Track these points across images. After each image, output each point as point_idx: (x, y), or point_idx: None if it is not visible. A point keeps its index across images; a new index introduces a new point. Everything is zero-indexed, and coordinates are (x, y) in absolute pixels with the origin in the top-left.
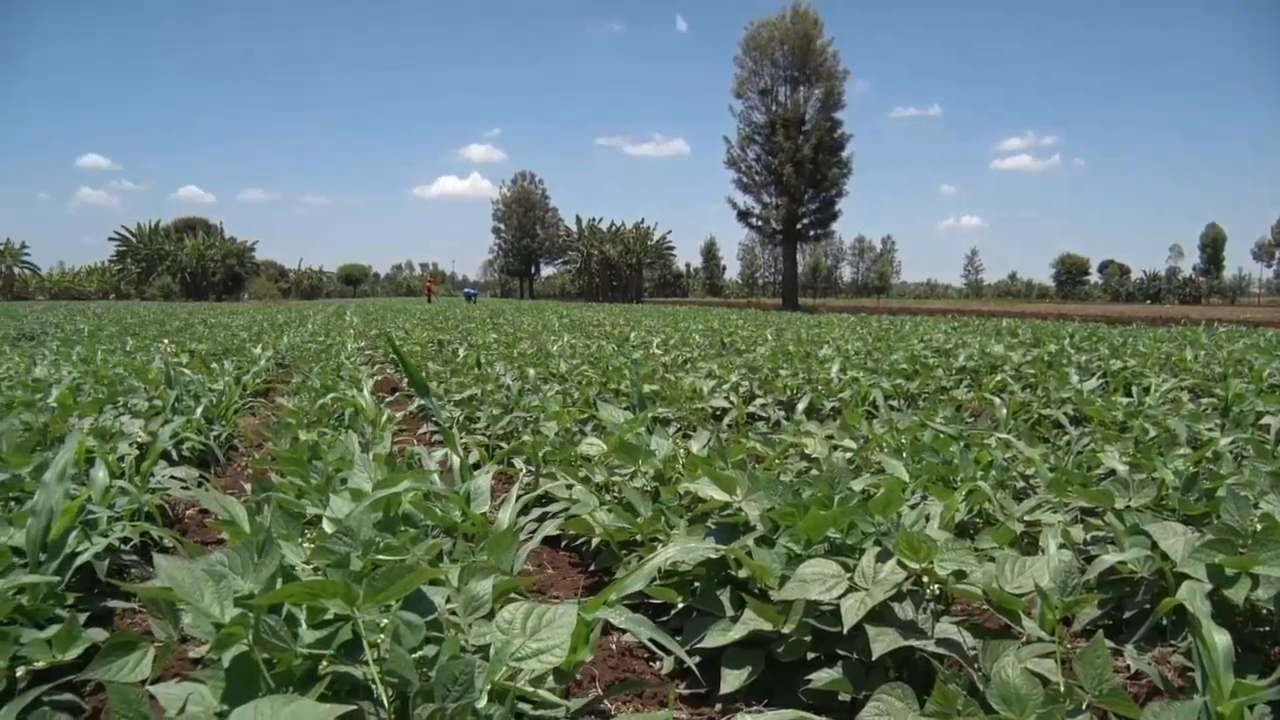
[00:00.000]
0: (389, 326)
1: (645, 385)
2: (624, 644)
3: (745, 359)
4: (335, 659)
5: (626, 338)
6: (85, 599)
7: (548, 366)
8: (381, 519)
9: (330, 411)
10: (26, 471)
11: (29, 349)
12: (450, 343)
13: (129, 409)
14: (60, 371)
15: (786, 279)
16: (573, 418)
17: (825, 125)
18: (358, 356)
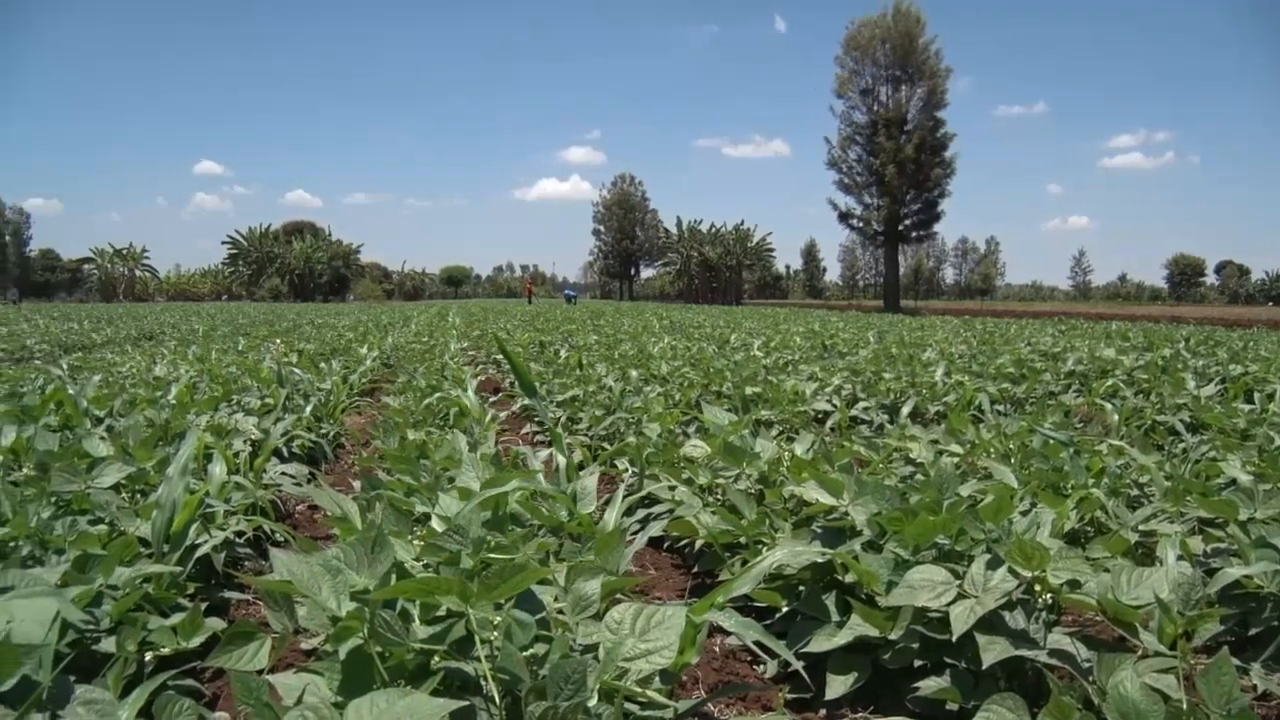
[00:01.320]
0: (491, 328)
1: (747, 387)
2: (727, 646)
3: (847, 362)
4: (447, 655)
5: (727, 340)
6: (203, 589)
7: (649, 368)
8: (490, 518)
9: (435, 411)
10: (150, 465)
11: (149, 348)
12: (552, 344)
13: (242, 407)
14: (178, 370)
15: (888, 281)
16: (675, 419)
17: (928, 125)
18: (460, 357)
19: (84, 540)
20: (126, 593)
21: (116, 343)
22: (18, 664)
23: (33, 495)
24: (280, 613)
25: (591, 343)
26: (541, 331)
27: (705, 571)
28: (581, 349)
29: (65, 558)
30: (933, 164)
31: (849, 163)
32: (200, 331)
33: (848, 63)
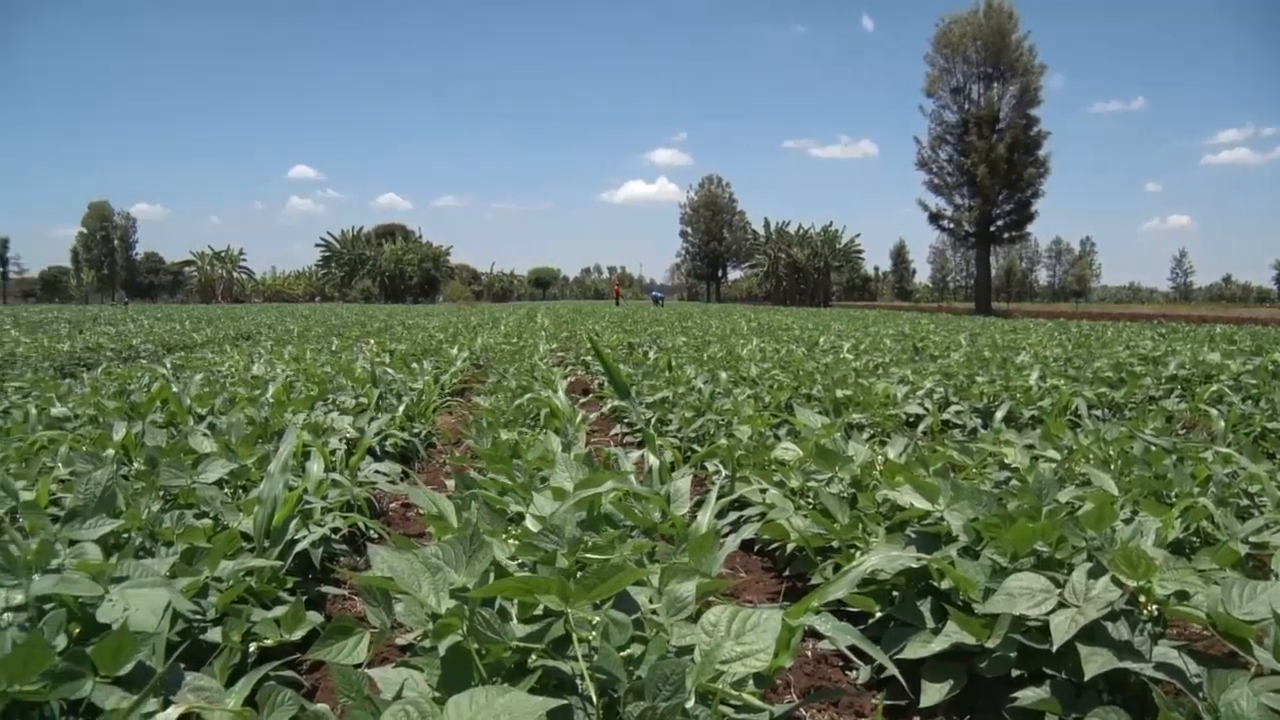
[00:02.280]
0: (579, 329)
1: (837, 390)
2: (819, 651)
3: (939, 365)
4: (544, 653)
5: (816, 342)
6: (301, 584)
7: (738, 370)
8: (584, 518)
9: (526, 412)
10: (251, 462)
11: (247, 348)
12: (640, 345)
13: (337, 406)
14: (275, 370)
15: (979, 283)
16: (765, 422)
17: (1020, 123)
18: (549, 358)
19: (191, 534)
20: (230, 585)
21: (216, 342)
22: (135, 650)
23: (143, 489)
24: (379, 608)
25: (680, 344)
26: (630, 333)
27: (796, 575)
28: (670, 351)
29: (173, 550)
30: (1026, 163)
31: (939, 163)
32: (295, 332)
33: (938, 61)
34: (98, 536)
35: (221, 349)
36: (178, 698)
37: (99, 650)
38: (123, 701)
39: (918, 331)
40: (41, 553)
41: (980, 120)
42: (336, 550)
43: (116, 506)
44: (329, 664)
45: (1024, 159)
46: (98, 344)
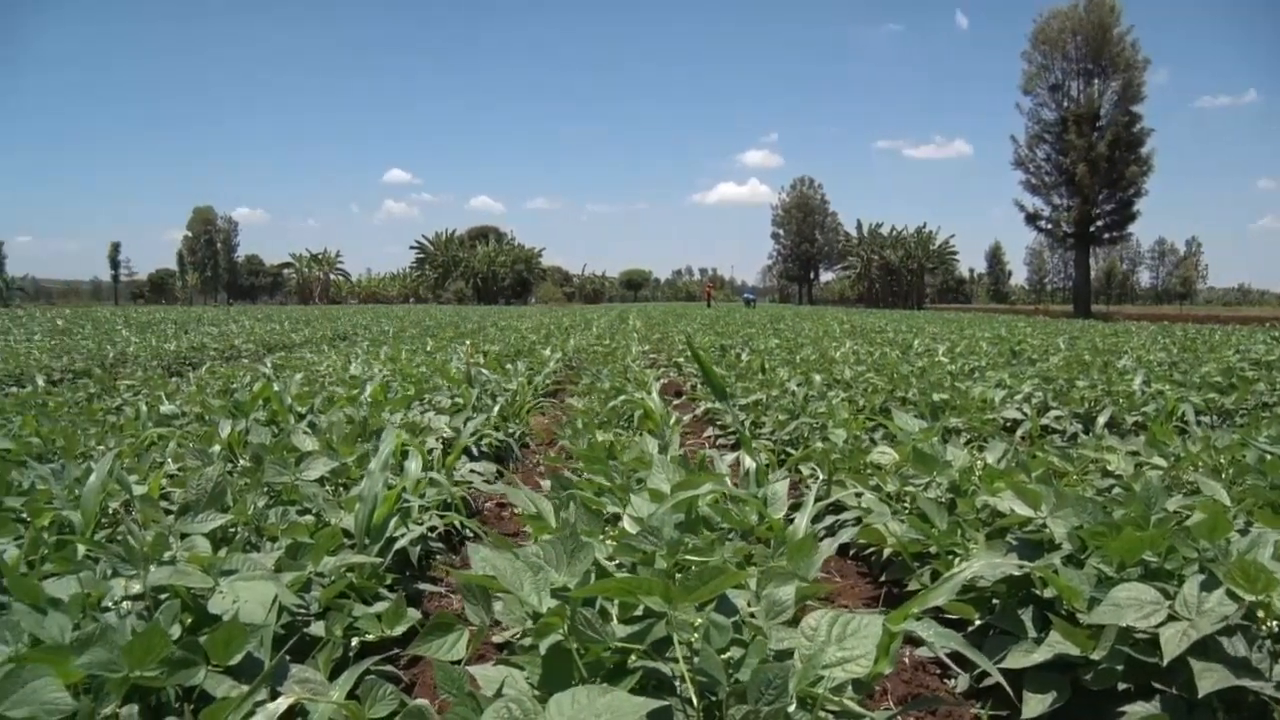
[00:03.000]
0: (670, 331)
1: (933, 394)
2: (916, 658)
3: (1037, 369)
4: (644, 654)
5: (910, 345)
6: (400, 581)
7: (831, 373)
8: (682, 520)
9: (619, 413)
10: (351, 460)
11: (344, 348)
12: (732, 347)
13: (433, 406)
14: (372, 369)
15: (1078, 285)
16: (860, 425)
17: (1122, 120)
18: (641, 360)
19: (294, 529)
20: (332, 580)
21: (314, 343)
22: (245, 641)
23: (249, 485)
24: (478, 606)
25: (772, 346)
26: (722, 335)
27: (892, 580)
28: (763, 353)
29: (278, 545)
30: (1127, 161)
31: (1037, 162)
32: (390, 333)
33: (1035, 57)
34: (208, 530)
35: (319, 349)
36: (284, 689)
37: (212, 640)
38: (233, 690)
39: (1014, 334)
40: (157, 545)
41: (1079, 118)
42: (433, 548)
43: (225, 502)
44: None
45: (1125, 157)
46: (202, 344)
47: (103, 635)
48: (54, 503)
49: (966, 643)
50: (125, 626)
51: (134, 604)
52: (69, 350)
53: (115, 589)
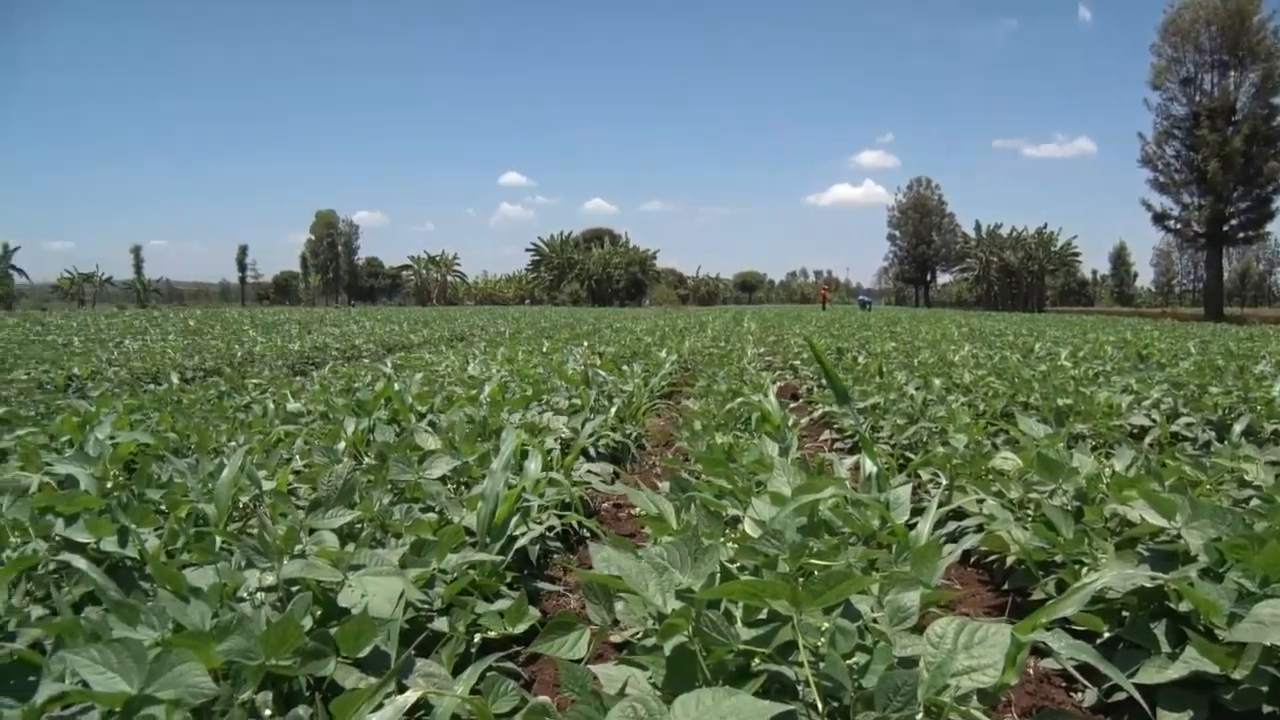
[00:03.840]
0: (785, 334)
1: (1057, 399)
2: (1041, 670)
3: (1166, 374)
4: (769, 658)
5: (1031, 348)
6: (519, 579)
7: (950, 376)
8: (804, 523)
9: (736, 416)
10: (472, 459)
11: (461, 349)
12: (849, 350)
13: (551, 406)
14: (490, 370)
15: (1209, 286)
16: (980, 430)
17: (1260, 113)
18: (757, 362)
19: (418, 526)
20: (455, 578)
21: (432, 343)
22: (374, 635)
23: (374, 482)
24: (599, 606)
25: (889, 349)
26: (838, 338)
27: (1015, 589)
28: (880, 356)
29: (402, 541)
30: (1265, 156)
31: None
32: (506, 333)
33: (1165, 50)
34: (337, 526)
35: (437, 349)
36: (409, 682)
37: (342, 632)
38: (360, 682)
39: (1141, 338)
40: (289, 538)
41: (1213, 112)
42: (550, 547)
43: (353, 499)
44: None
45: (1264, 152)
46: (324, 344)
47: (239, 624)
48: (189, 496)
49: (1099, 655)
50: (260, 617)
51: (267, 595)
52: (200, 350)
53: (249, 580)
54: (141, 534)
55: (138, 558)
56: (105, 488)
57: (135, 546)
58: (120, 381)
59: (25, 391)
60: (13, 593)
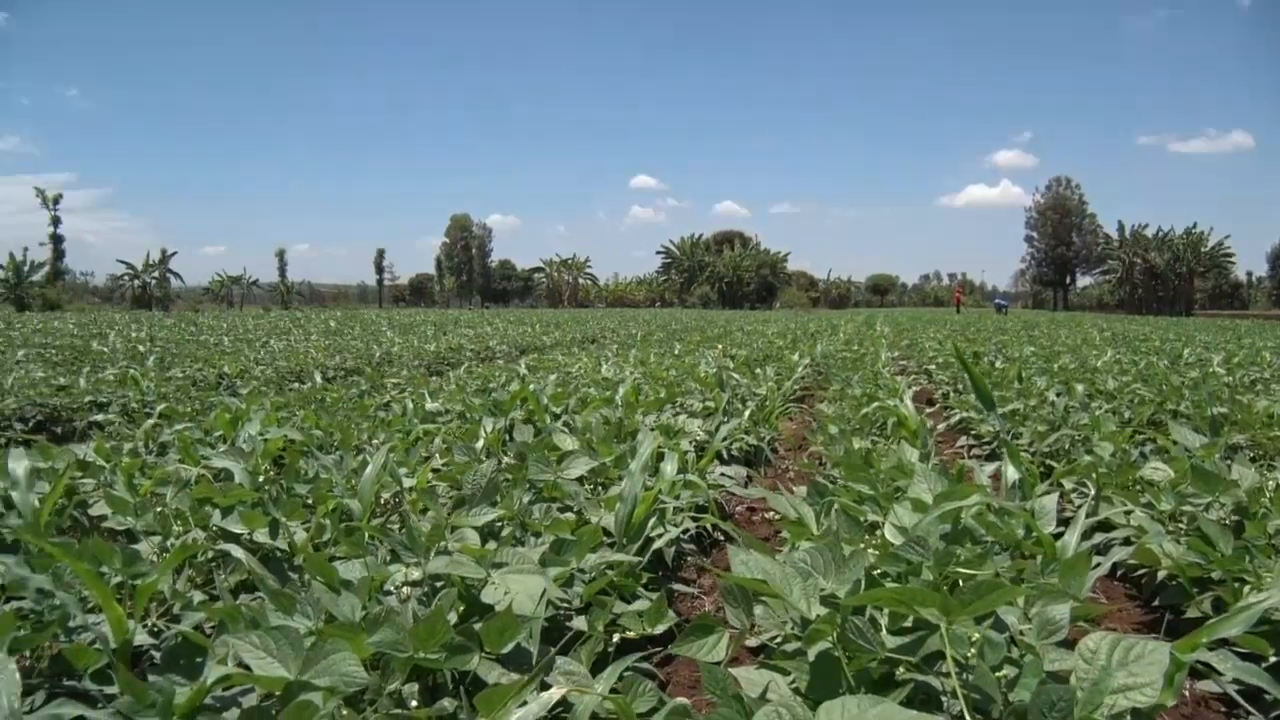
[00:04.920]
0: (919, 337)
1: (1210, 407)
2: (1198, 693)
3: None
4: (914, 667)
5: (1179, 354)
6: (654, 580)
7: (1093, 382)
8: (947, 531)
9: (871, 420)
10: (609, 460)
11: (594, 351)
12: (985, 355)
13: (684, 409)
14: (623, 372)
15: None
16: (1126, 438)
17: None
18: (891, 366)
19: (557, 525)
20: (594, 577)
21: (564, 345)
22: (517, 631)
23: (514, 482)
24: (739, 609)
25: (1028, 354)
26: (973, 342)
27: (1166, 606)
28: (1018, 361)
29: (541, 540)
30: None
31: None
32: (637, 336)
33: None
34: (482, 524)
35: (570, 351)
36: (550, 679)
37: (486, 628)
38: (502, 677)
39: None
40: (434, 535)
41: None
42: (685, 549)
43: (496, 497)
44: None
45: None
46: (459, 345)
47: (388, 617)
48: (334, 491)
49: (1271, 679)
50: (407, 611)
51: (413, 589)
52: (341, 350)
53: (396, 574)
54: (290, 527)
55: (287, 549)
56: (257, 482)
57: (285, 539)
58: (267, 380)
59: (182, 389)
60: (176, 579)
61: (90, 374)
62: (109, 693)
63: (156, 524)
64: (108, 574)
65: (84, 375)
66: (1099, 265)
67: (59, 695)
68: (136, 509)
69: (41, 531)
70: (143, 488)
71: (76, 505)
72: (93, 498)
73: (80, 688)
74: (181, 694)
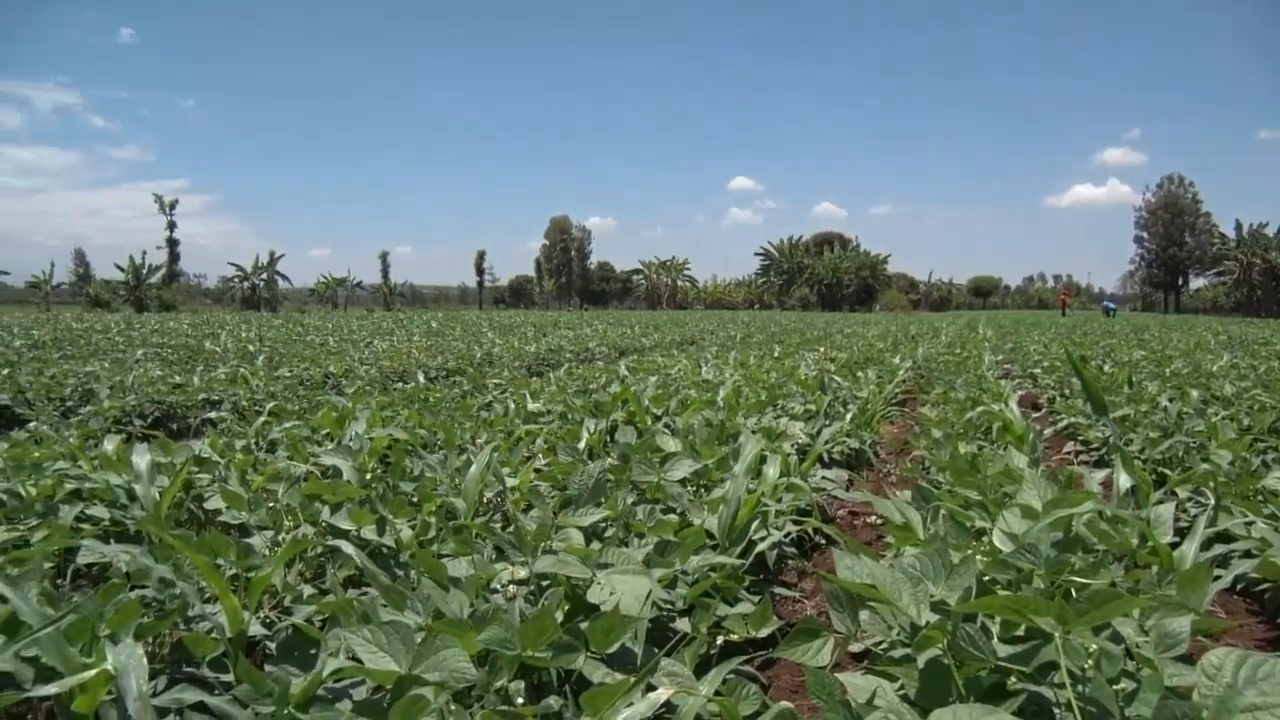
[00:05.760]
0: (1023, 340)
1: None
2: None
3: None
4: (1027, 677)
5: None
6: (755, 583)
7: (1209, 388)
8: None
9: (976, 425)
10: (711, 462)
11: (693, 353)
12: (1092, 358)
13: (786, 411)
14: (723, 374)
15: None
16: (1247, 447)
17: None
18: (994, 370)
19: (661, 527)
20: (697, 579)
21: (663, 347)
22: (624, 632)
23: (618, 483)
24: (844, 614)
25: (1138, 359)
26: (1080, 345)
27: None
28: (1128, 365)
29: (645, 541)
30: None
31: None
32: (736, 338)
33: None
34: (588, 524)
35: (669, 353)
36: (655, 680)
37: (593, 628)
38: (607, 677)
39: None
40: (540, 534)
41: None
42: (786, 553)
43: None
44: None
45: None
46: (559, 346)
47: (495, 615)
48: (439, 490)
49: None
50: (514, 609)
51: (519, 588)
52: (442, 350)
53: (502, 573)
54: (396, 524)
55: (393, 546)
56: (364, 479)
57: (391, 536)
58: (371, 380)
59: (290, 388)
60: (287, 572)
61: (203, 373)
62: (224, 680)
63: (268, 519)
64: (223, 566)
65: (197, 374)
66: (1214, 266)
67: (179, 680)
68: (250, 504)
69: (162, 523)
70: (254, 483)
71: (193, 499)
72: (208, 492)
73: (198, 674)
74: (296, 684)
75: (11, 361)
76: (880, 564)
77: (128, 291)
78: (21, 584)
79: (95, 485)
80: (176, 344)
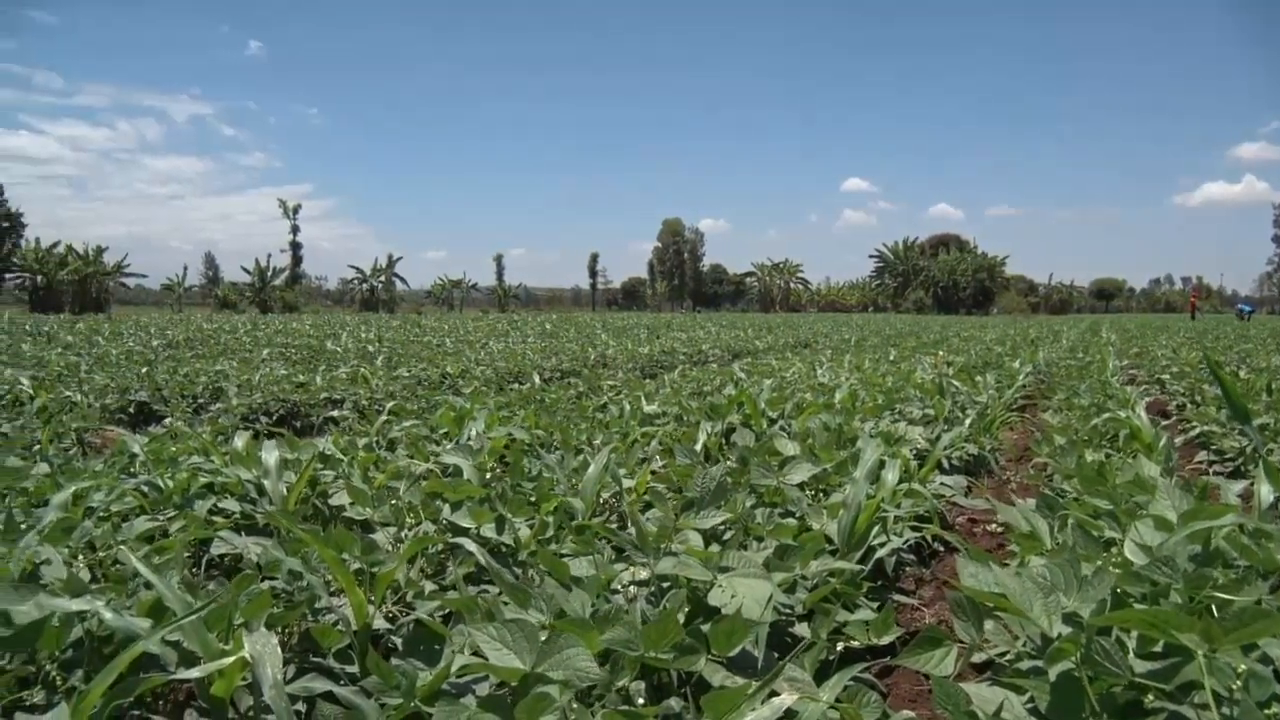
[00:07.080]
0: (1149, 345)
1: None
2: None
3: None
4: (1164, 695)
5: None
6: (874, 590)
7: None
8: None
9: (1101, 432)
10: (830, 466)
11: (808, 356)
12: (1226, 364)
13: (904, 416)
14: (839, 377)
15: None
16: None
17: None
18: (1119, 376)
19: (780, 531)
20: (816, 584)
21: (777, 349)
22: (745, 635)
23: (737, 485)
24: (969, 623)
25: (1275, 365)
26: (1212, 350)
27: None
28: (1266, 371)
29: (764, 545)
30: None
31: None
32: (851, 341)
33: None
34: (709, 526)
35: (783, 355)
36: (776, 686)
37: (714, 631)
38: (727, 680)
39: None
40: (662, 535)
41: None
42: (904, 559)
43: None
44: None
45: None
46: (672, 348)
47: (617, 615)
48: (557, 490)
49: None
50: (635, 610)
51: (639, 589)
52: (557, 352)
53: (622, 573)
54: (515, 523)
55: (512, 545)
56: (484, 478)
57: (510, 534)
58: (487, 380)
59: (408, 387)
60: (410, 568)
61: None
62: (349, 671)
63: (391, 515)
64: (348, 561)
65: (320, 373)
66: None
67: (307, 670)
68: (374, 500)
69: (292, 518)
70: (377, 481)
71: (318, 495)
72: (332, 488)
73: (324, 664)
74: (422, 678)
75: (150, 360)
76: (1010, 573)
77: (253, 293)
78: (164, 572)
79: (227, 479)
80: (299, 344)
